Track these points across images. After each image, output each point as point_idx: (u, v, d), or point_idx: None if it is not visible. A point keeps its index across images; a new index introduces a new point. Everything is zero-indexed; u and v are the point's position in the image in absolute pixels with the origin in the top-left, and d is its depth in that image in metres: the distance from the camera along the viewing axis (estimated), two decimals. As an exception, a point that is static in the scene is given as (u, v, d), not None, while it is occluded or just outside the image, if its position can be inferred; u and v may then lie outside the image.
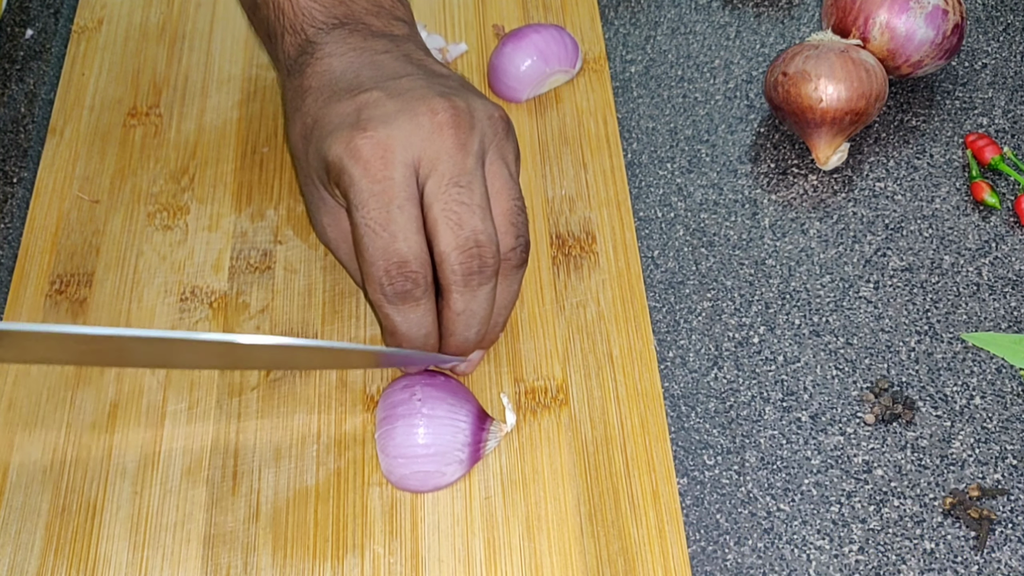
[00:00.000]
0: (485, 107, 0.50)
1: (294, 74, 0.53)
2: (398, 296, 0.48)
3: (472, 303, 0.49)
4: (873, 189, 0.62)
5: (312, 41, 0.53)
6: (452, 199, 0.47)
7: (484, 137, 0.49)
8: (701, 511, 0.51)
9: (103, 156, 0.63)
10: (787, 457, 0.52)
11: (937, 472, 0.51)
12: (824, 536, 0.50)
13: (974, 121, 0.64)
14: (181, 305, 0.57)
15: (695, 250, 0.59)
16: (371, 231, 0.47)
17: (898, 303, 0.57)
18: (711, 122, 0.65)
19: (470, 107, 0.49)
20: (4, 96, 0.67)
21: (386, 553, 0.49)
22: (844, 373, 0.55)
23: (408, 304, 0.48)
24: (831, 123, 0.60)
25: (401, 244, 0.47)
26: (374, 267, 0.48)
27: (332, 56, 0.52)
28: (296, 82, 0.52)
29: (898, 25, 0.62)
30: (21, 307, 0.57)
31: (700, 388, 0.54)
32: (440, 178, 0.47)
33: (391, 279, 0.47)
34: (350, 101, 0.49)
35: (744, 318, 0.57)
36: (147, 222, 0.60)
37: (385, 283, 0.48)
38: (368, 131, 0.47)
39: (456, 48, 0.67)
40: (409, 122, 0.48)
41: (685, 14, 0.70)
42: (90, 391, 0.54)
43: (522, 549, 0.49)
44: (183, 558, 0.49)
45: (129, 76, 0.67)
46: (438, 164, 0.48)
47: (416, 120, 0.48)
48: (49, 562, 0.49)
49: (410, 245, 0.47)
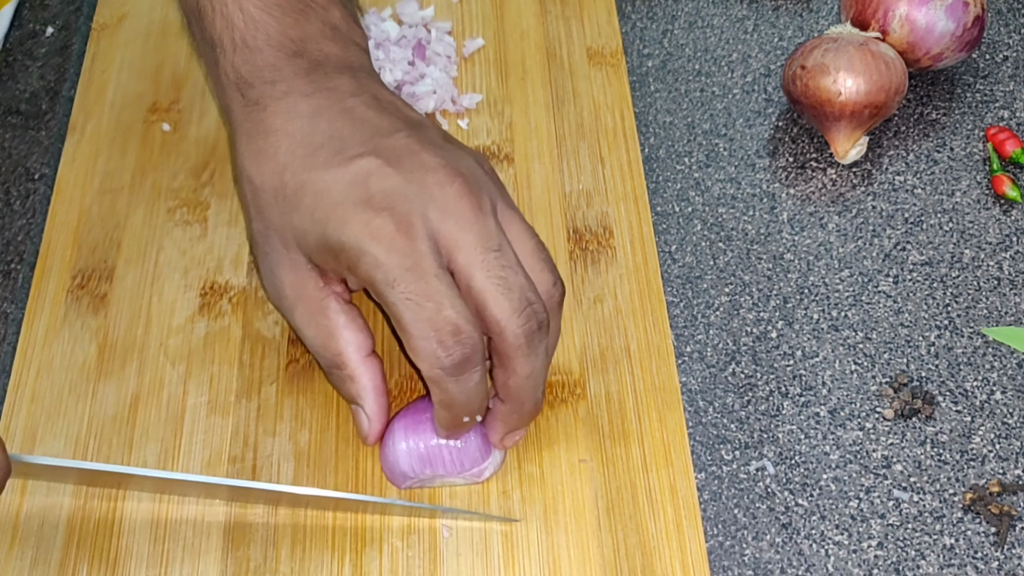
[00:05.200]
0: (477, 161, 0.49)
1: (251, 104, 0.51)
2: (457, 366, 0.46)
3: (536, 362, 0.48)
4: (892, 183, 0.61)
5: (272, 65, 0.51)
6: (493, 265, 0.46)
7: (491, 194, 0.48)
8: (719, 506, 0.50)
9: (124, 152, 0.63)
10: (805, 452, 0.52)
11: (957, 467, 0.51)
12: (843, 531, 0.50)
13: (995, 114, 0.63)
14: (201, 300, 0.57)
15: (713, 244, 0.59)
16: (414, 304, 0.45)
17: (918, 297, 0.57)
18: (729, 116, 0.64)
19: (471, 170, 0.48)
20: (26, 93, 0.68)
21: (404, 547, 0.49)
22: (863, 368, 0.54)
23: (467, 372, 0.46)
24: (850, 117, 0.60)
25: (450, 312, 0.45)
26: (425, 340, 0.45)
27: (297, 94, 0.50)
28: (256, 116, 0.50)
29: (918, 17, 0.61)
30: (43, 302, 0.58)
31: (718, 383, 0.54)
32: (472, 248, 0.46)
33: (448, 349, 0.45)
34: (343, 169, 0.47)
35: (762, 313, 0.57)
36: (167, 217, 0.61)
37: (442, 355, 0.45)
38: (384, 210, 0.46)
39: (473, 43, 0.67)
40: (420, 195, 0.47)
41: (702, 7, 0.69)
42: (111, 384, 0.55)
43: (540, 543, 0.49)
44: (203, 550, 0.49)
45: (150, 72, 0.67)
46: (463, 235, 0.46)
47: (428, 193, 0.47)
48: (72, 554, 0.50)
49: (459, 311, 0.45)
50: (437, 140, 0.50)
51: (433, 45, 0.66)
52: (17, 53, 0.70)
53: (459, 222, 0.47)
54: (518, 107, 0.64)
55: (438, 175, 0.47)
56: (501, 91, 0.65)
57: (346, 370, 0.50)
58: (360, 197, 0.47)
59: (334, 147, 0.48)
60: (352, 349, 0.49)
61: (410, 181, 0.47)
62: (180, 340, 0.56)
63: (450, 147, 0.49)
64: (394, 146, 0.48)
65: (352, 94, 0.50)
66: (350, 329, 0.49)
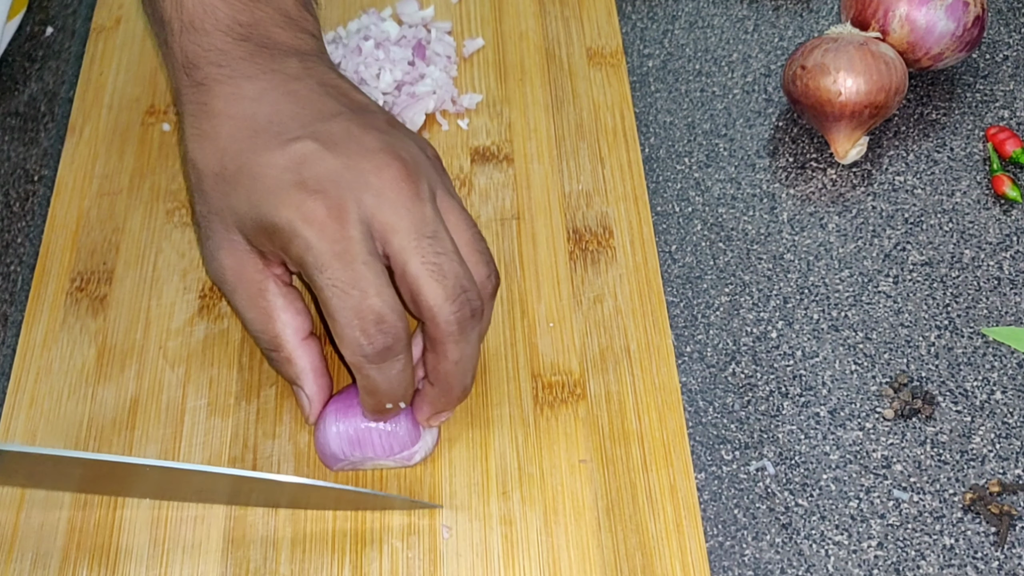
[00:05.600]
0: (420, 146, 0.49)
1: (197, 84, 0.51)
2: (379, 354, 0.46)
3: (467, 349, 0.48)
4: (893, 183, 0.61)
5: (218, 49, 0.51)
6: (427, 251, 0.46)
7: (431, 181, 0.48)
8: (719, 506, 0.50)
9: (122, 154, 0.63)
10: (805, 452, 0.52)
11: (957, 467, 0.51)
12: (843, 531, 0.50)
13: (995, 114, 0.63)
14: (200, 302, 0.57)
15: (713, 245, 0.59)
16: (340, 291, 0.46)
17: (918, 297, 0.57)
18: (729, 116, 0.64)
19: (412, 155, 0.48)
20: (24, 95, 0.68)
21: (404, 547, 0.49)
22: (863, 368, 0.54)
23: (389, 360, 0.47)
24: (850, 117, 0.60)
25: (374, 300, 0.46)
26: (349, 328, 0.46)
27: (242, 77, 0.50)
28: (201, 98, 0.51)
29: (918, 17, 0.61)
30: (42, 305, 0.58)
31: (718, 383, 0.54)
32: (406, 233, 0.46)
33: (370, 337, 0.46)
34: (281, 152, 0.48)
35: (762, 313, 0.56)
36: (166, 219, 0.60)
37: (364, 342, 0.46)
38: (317, 192, 0.46)
39: (473, 43, 0.67)
40: (356, 180, 0.47)
41: (703, 8, 0.69)
42: (111, 387, 0.55)
43: (540, 543, 0.49)
44: (203, 551, 0.49)
45: (147, 74, 0.67)
46: (399, 220, 0.47)
47: (363, 178, 0.47)
48: (72, 555, 0.50)
49: (384, 299, 0.46)
50: (379, 124, 0.49)
51: (433, 45, 0.66)
52: (16, 55, 0.70)
53: (395, 207, 0.47)
54: (518, 107, 0.64)
55: (376, 159, 0.47)
56: (501, 91, 0.65)
57: (283, 352, 0.50)
58: (295, 180, 0.47)
59: (274, 130, 0.48)
60: (290, 332, 0.50)
61: (347, 165, 0.47)
62: (179, 342, 0.56)
63: (393, 131, 0.49)
64: (333, 130, 0.48)
65: (296, 78, 0.50)
66: (288, 312, 0.50)
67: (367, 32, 0.65)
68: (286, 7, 0.53)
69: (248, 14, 0.52)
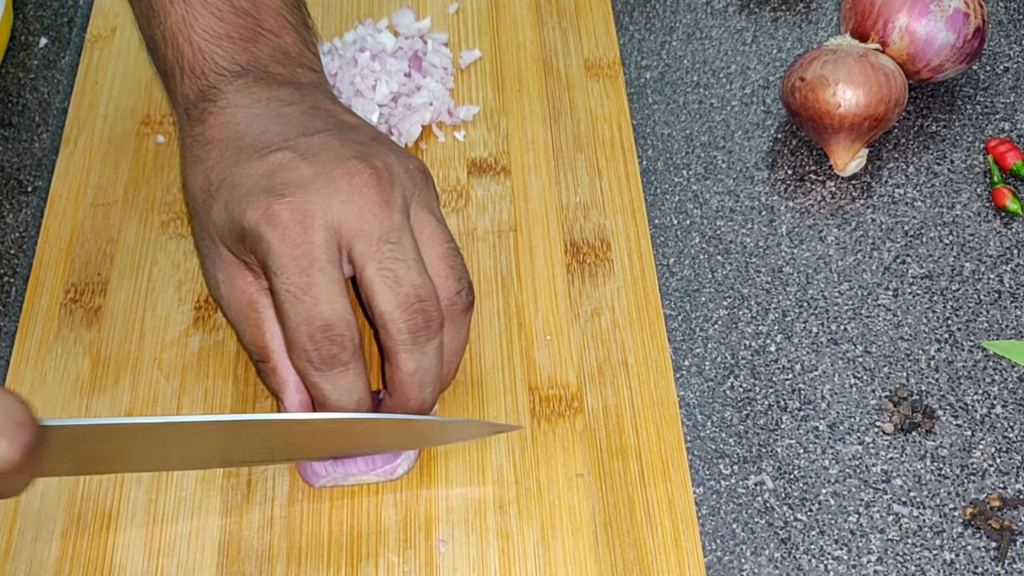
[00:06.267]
0: (401, 160, 0.49)
1: (194, 121, 0.52)
2: (325, 362, 0.46)
3: (423, 361, 0.47)
4: (892, 195, 0.61)
5: (214, 87, 0.52)
6: (385, 257, 0.46)
7: (405, 191, 0.48)
8: (717, 520, 0.50)
9: (117, 165, 0.63)
10: (804, 466, 0.51)
11: (957, 482, 0.51)
12: (842, 546, 0.49)
13: (996, 126, 0.63)
14: (195, 314, 0.57)
15: (711, 257, 0.59)
16: (292, 296, 0.46)
17: (918, 311, 0.56)
18: (727, 128, 0.64)
19: (387, 164, 0.48)
20: (18, 105, 0.68)
21: (400, 562, 0.49)
22: (862, 382, 0.54)
23: (336, 370, 0.46)
24: (849, 129, 0.60)
25: (324, 307, 0.45)
26: (297, 333, 0.46)
27: (236, 107, 0.51)
28: (197, 130, 0.51)
29: (918, 29, 0.61)
30: (36, 316, 0.57)
31: (716, 397, 0.54)
32: (368, 238, 0.46)
33: (316, 344, 0.45)
34: (260, 162, 0.48)
35: (761, 326, 0.56)
36: (161, 231, 0.60)
37: (310, 349, 0.46)
38: (285, 196, 0.46)
39: (469, 54, 0.66)
40: (326, 186, 0.47)
41: (701, 19, 0.69)
42: (105, 399, 0.54)
43: (537, 558, 0.48)
44: (198, 566, 0.49)
45: (142, 85, 0.67)
46: (364, 225, 0.46)
47: (334, 184, 0.47)
48: (65, 570, 0.49)
49: (334, 307, 0.45)
50: (361, 138, 0.50)
51: (429, 56, 0.65)
52: (10, 65, 0.69)
53: (361, 212, 0.47)
54: (515, 119, 0.64)
55: (347, 166, 0.47)
56: (498, 103, 0.65)
57: (269, 363, 0.50)
58: (267, 186, 0.47)
59: (259, 146, 0.49)
60: (277, 343, 0.50)
61: (319, 172, 0.47)
62: (174, 354, 0.55)
63: (374, 144, 0.49)
64: (313, 142, 0.49)
65: (290, 103, 0.51)
66: (277, 323, 0.49)
67: (363, 43, 0.65)
68: (285, 45, 0.54)
69: (247, 54, 0.53)
